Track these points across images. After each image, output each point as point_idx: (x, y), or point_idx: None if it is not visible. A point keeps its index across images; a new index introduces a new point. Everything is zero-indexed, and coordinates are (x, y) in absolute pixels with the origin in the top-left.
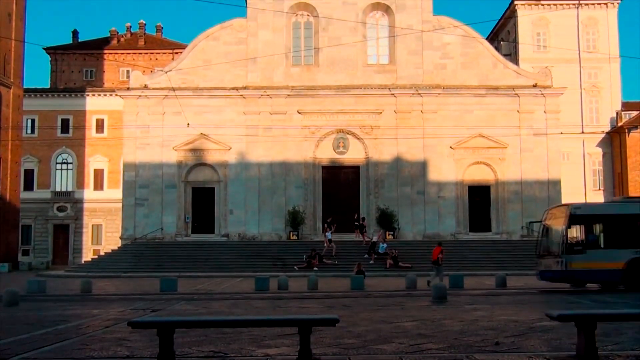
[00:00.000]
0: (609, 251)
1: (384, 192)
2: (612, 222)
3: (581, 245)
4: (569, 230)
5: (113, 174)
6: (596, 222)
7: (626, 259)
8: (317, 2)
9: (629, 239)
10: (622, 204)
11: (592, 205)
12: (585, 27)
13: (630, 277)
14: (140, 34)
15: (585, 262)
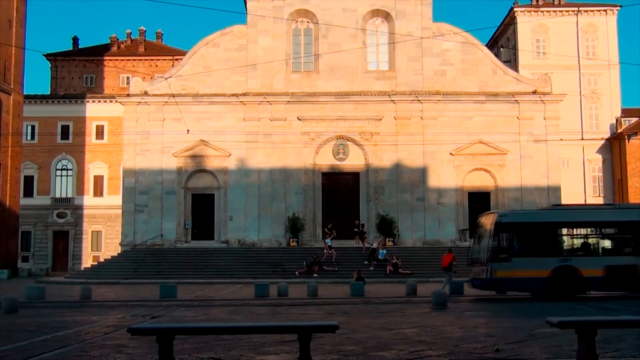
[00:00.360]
0: (535, 259)
1: (384, 198)
2: (539, 230)
3: (507, 253)
4: (495, 238)
5: (113, 180)
6: (522, 230)
7: (552, 267)
8: (317, 9)
9: (555, 247)
10: (549, 211)
11: (520, 213)
12: (585, 34)
13: (555, 285)
14: (140, 41)
15: (510, 270)
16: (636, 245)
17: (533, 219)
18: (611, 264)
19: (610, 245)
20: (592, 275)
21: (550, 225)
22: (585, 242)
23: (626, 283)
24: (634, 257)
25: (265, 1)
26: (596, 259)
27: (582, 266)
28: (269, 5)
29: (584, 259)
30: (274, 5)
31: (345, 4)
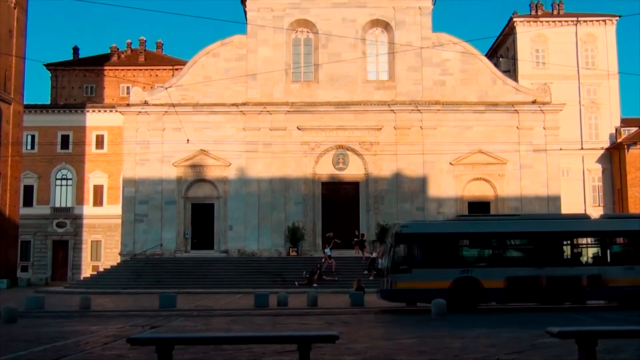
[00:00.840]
0: (436, 270)
1: (384, 208)
2: (440, 241)
3: (407, 264)
4: (396, 249)
5: (113, 189)
6: (424, 240)
7: (452, 278)
8: (317, 19)
9: (457, 258)
10: (451, 222)
11: (421, 224)
12: (584, 44)
13: (456, 297)
14: (140, 50)
15: (411, 281)
16: (538, 256)
17: (434, 229)
18: (513, 274)
19: (512, 256)
20: (494, 287)
21: (451, 236)
22: (487, 253)
23: (528, 294)
24: (536, 268)
25: (265, 11)
26: (498, 270)
27: (483, 277)
28: (269, 15)
29: (485, 270)
30: (274, 15)
31: (345, 14)
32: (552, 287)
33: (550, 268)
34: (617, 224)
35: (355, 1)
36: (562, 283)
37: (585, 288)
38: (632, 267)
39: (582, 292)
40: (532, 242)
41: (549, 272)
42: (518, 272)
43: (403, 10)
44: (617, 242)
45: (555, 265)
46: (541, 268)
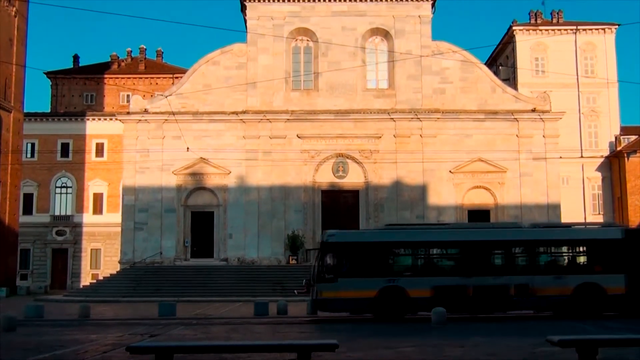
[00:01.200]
0: (362, 280)
1: (384, 216)
2: (366, 250)
3: (333, 274)
4: (322, 258)
5: (112, 197)
6: (350, 250)
7: (378, 288)
8: (317, 28)
9: (383, 267)
10: (379, 231)
11: (348, 233)
12: (584, 52)
13: (382, 306)
14: (140, 59)
15: (336, 291)
16: (466, 266)
17: (361, 238)
18: (439, 284)
19: (439, 265)
20: (420, 296)
21: (378, 245)
22: (414, 262)
23: (455, 303)
24: (463, 278)
25: (265, 20)
26: (424, 280)
27: (409, 286)
28: (269, 23)
29: (412, 279)
30: (274, 23)
31: (344, 22)
32: (479, 296)
33: (478, 277)
34: (545, 233)
35: (355, 10)
36: (489, 292)
37: (512, 297)
38: (560, 277)
39: (510, 302)
40: (459, 251)
41: (476, 281)
42: (445, 282)
43: (403, 18)
44: (545, 252)
45: (482, 275)
46: (468, 277)
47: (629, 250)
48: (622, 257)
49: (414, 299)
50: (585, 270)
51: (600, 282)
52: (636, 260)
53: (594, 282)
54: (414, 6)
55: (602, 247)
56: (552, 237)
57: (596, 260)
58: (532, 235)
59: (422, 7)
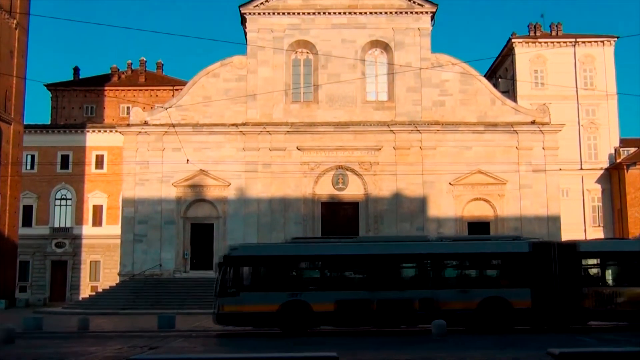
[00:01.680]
0: (264, 294)
1: (384, 228)
2: (269, 264)
3: (235, 288)
4: (224, 272)
5: (112, 209)
6: (253, 263)
7: (281, 302)
8: (317, 40)
9: (286, 281)
10: (283, 245)
11: (251, 247)
12: (583, 65)
13: (285, 321)
14: (140, 71)
15: (238, 305)
16: (369, 280)
17: (264, 252)
18: (343, 298)
19: (342, 279)
20: (323, 310)
21: (281, 259)
22: (318, 276)
23: (359, 318)
24: (367, 292)
25: (265, 32)
26: (328, 294)
27: (313, 301)
28: (268, 36)
29: (315, 293)
30: (274, 36)
31: (344, 35)
32: (383, 310)
33: (382, 292)
34: (450, 247)
35: (354, 22)
36: (393, 307)
37: (417, 312)
38: (466, 291)
39: (415, 316)
40: (363, 266)
41: (380, 295)
42: (348, 296)
43: (402, 31)
44: (450, 265)
45: (386, 289)
46: (372, 292)
47: (536, 263)
48: (528, 270)
49: (318, 313)
50: (491, 284)
51: (506, 296)
52: (542, 274)
53: (500, 296)
54: (413, 19)
55: (509, 261)
56: (457, 250)
57: (503, 274)
58: (437, 249)
59: (422, 20)
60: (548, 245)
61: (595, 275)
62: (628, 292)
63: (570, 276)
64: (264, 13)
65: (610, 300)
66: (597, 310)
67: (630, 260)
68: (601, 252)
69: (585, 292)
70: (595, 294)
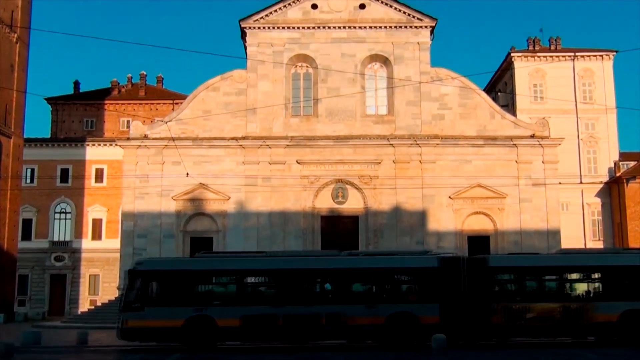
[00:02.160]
0: (169, 309)
1: (383, 242)
2: (175, 279)
3: (140, 302)
4: (129, 287)
5: (111, 223)
6: (159, 278)
7: (185, 317)
8: (316, 54)
9: (191, 296)
10: (190, 259)
11: (157, 261)
12: (582, 79)
13: (189, 336)
14: (141, 85)
15: (143, 320)
16: (277, 295)
17: (170, 266)
18: (248, 313)
19: (248, 294)
20: (229, 325)
21: (186, 274)
22: (223, 291)
23: (265, 333)
24: (272, 307)
25: (265, 46)
26: (233, 309)
27: (218, 316)
28: (268, 50)
29: (220, 308)
30: (273, 50)
31: (344, 49)
32: (289, 326)
33: (288, 307)
34: (357, 262)
35: (354, 36)
36: (300, 322)
37: (324, 327)
38: (374, 306)
39: (321, 331)
40: (269, 280)
41: (286, 310)
42: (254, 311)
43: (402, 45)
44: (358, 280)
45: (293, 304)
46: (278, 307)
47: (444, 278)
48: (436, 285)
49: (223, 329)
50: (399, 299)
51: (414, 311)
52: (451, 289)
53: (408, 311)
54: (412, 33)
55: (417, 276)
56: (364, 265)
57: (411, 289)
58: (344, 264)
59: (421, 34)
60: (457, 259)
61: (506, 291)
62: (538, 307)
63: (480, 291)
64: (263, 27)
65: (519, 315)
66: (506, 325)
67: (539, 275)
68: (511, 267)
69: (495, 307)
70: (505, 310)
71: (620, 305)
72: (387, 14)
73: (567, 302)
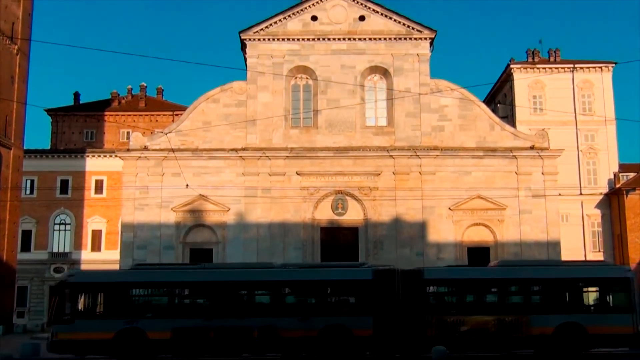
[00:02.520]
0: (100, 321)
1: (383, 253)
2: (105, 291)
3: (70, 315)
4: (60, 299)
5: (111, 234)
6: (89, 290)
7: (116, 330)
8: (316, 66)
9: (123, 308)
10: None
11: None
12: (581, 90)
13: (120, 349)
14: (141, 96)
15: (73, 332)
16: (209, 307)
17: (101, 279)
18: (179, 326)
19: (179, 306)
20: (160, 338)
21: (117, 286)
22: (155, 304)
23: (197, 346)
24: (204, 320)
25: (265, 58)
26: (164, 321)
27: (149, 328)
28: (268, 62)
29: (151, 320)
30: (273, 62)
31: (343, 60)
32: (221, 339)
33: (220, 319)
34: (291, 274)
35: (354, 48)
36: (232, 334)
37: (256, 340)
38: (307, 319)
39: (254, 344)
40: (201, 293)
41: (218, 323)
42: (185, 324)
43: (401, 57)
44: (291, 293)
45: (225, 317)
46: (210, 319)
47: (378, 291)
48: (370, 298)
49: (154, 341)
50: (333, 312)
51: (347, 324)
52: (385, 302)
53: (341, 323)
54: (412, 45)
55: (351, 288)
56: (297, 277)
57: (345, 302)
58: (277, 276)
59: (421, 46)
60: (392, 272)
61: (441, 303)
62: (472, 320)
63: (415, 304)
64: (263, 39)
65: (454, 328)
66: (441, 339)
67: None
68: (446, 280)
69: (430, 320)
70: (440, 322)
71: (556, 318)
72: (387, 25)
73: (502, 315)
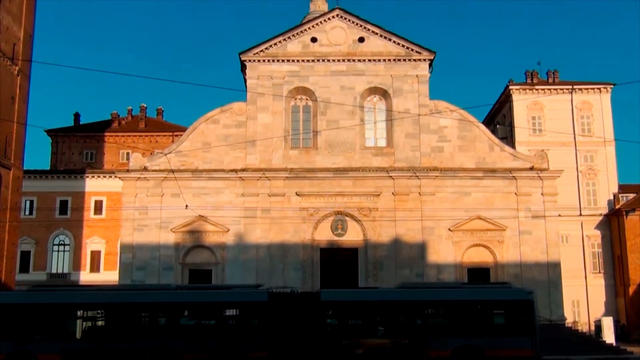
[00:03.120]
0: None
1: (383, 274)
2: None
3: None
4: None
5: (110, 255)
6: None
7: (6, 352)
8: (316, 87)
9: (13, 330)
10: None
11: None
12: (580, 111)
13: None
14: (141, 117)
15: None
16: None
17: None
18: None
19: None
20: None
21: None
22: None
23: None
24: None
25: (265, 79)
26: (54, 344)
27: (39, 351)
28: (268, 83)
29: (42, 343)
30: (273, 83)
31: (343, 82)
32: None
33: (111, 342)
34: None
35: (353, 69)
36: (123, 357)
37: None
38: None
39: None
40: (92, 314)
41: (108, 345)
42: (75, 345)
43: (401, 78)
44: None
45: (115, 339)
46: (100, 342)
47: (273, 313)
48: (265, 320)
49: None
50: (227, 334)
51: (242, 346)
52: (280, 324)
53: (234, 345)
54: (411, 66)
55: (246, 310)
56: (191, 299)
57: (240, 324)
58: (170, 298)
59: (420, 67)
60: (289, 295)
61: (337, 326)
62: (368, 343)
63: (311, 326)
64: (263, 60)
65: (350, 351)
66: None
67: (371, 310)
68: (343, 302)
69: (325, 343)
70: (335, 346)
71: (453, 341)
72: (386, 47)
73: (398, 337)
